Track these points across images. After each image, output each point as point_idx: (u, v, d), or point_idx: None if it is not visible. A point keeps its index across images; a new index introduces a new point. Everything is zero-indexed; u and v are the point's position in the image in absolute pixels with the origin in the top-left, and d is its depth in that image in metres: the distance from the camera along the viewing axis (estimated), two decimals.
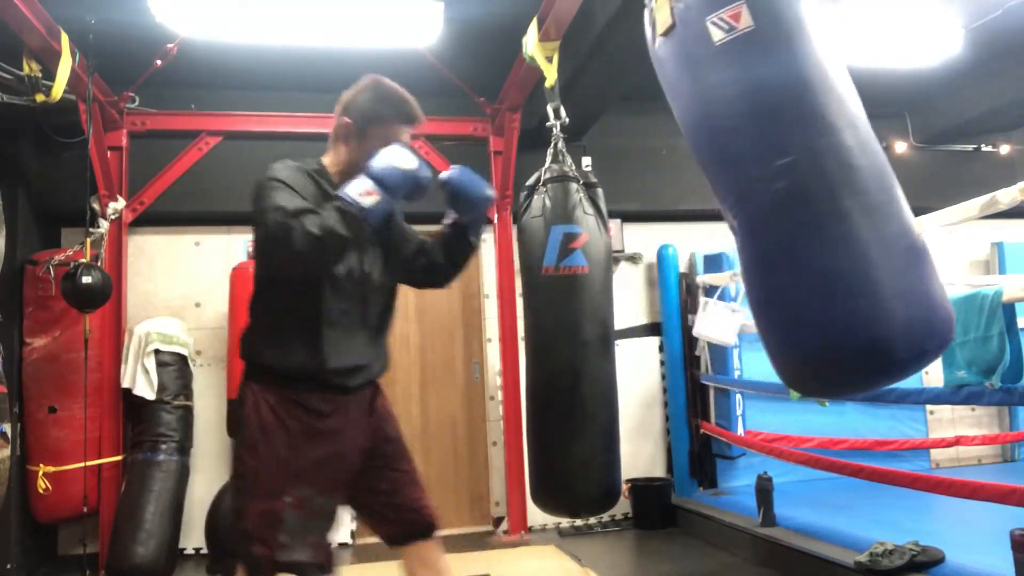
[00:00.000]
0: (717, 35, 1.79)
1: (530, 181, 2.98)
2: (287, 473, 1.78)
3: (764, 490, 3.75)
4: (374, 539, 4.57)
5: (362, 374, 1.92)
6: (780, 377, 1.83)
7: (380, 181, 1.70)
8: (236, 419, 1.92)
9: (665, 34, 1.89)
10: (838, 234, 1.66)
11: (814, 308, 1.66)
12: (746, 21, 1.77)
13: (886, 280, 1.63)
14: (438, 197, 2.03)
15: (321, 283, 1.82)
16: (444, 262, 2.10)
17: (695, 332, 4.55)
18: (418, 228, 2.22)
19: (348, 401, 1.89)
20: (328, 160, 1.95)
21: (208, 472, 4.36)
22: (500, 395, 4.83)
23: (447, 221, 2.09)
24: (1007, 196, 2.61)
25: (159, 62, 3.94)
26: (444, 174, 1.99)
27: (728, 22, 1.78)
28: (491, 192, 2.05)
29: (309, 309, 1.83)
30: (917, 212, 3.15)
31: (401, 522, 1.99)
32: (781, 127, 1.75)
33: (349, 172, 1.85)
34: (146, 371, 4.10)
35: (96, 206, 4.20)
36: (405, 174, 1.73)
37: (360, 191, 1.68)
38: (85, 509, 3.86)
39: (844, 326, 1.63)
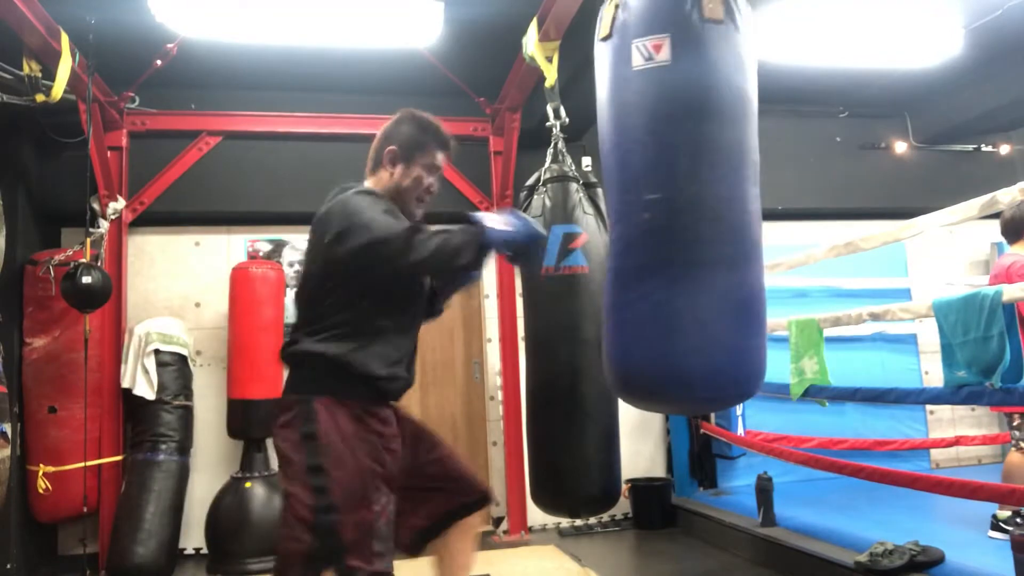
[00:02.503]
0: (637, 60, 1.87)
1: (530, 181, 2.98)
2: (372, 482, 1.83)
3: (764, 490, 3.75)
4: None
5: (408, 385, 2.05)
6: (607, 378, 2.02)
7: (515, 230, 1.82)
8: (290, 431, 1.86)
9: (603, 39, 1.98)
10: (676, 276, 1.80)
11: (641, 334, 1.84)
12: (664, 55, 1.81)
13: (706, 328, 1.79)
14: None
15: (399, 297, 1.96)
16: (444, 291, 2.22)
17: None
18: None
19: (391, 407, 2.01)
20: (372, 184, 2.07)
21: (208, 472, 4.36)
22: (500, 395, 4.83)
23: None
24: (1007, 196, 2.61)
25: (159, 62, 3.94)
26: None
27: (650, 51, 1.83)
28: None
29: (385, 322, 1.92)
30: (917, 212, 3.19)
31: (456, 491, 2.09)
32: (664, 165, 1.84)
33: (393, 195, 2.02)
34: (146, 371, 4.10)
35: (96, 206, 4.20)
36: (533, 242, 1.87)
37: (497, 222, 1.81)
38: (85, 509, 3.86)
39: (656, 358, 1.82)
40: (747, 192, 1.85)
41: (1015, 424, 3.34)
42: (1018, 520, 3.16)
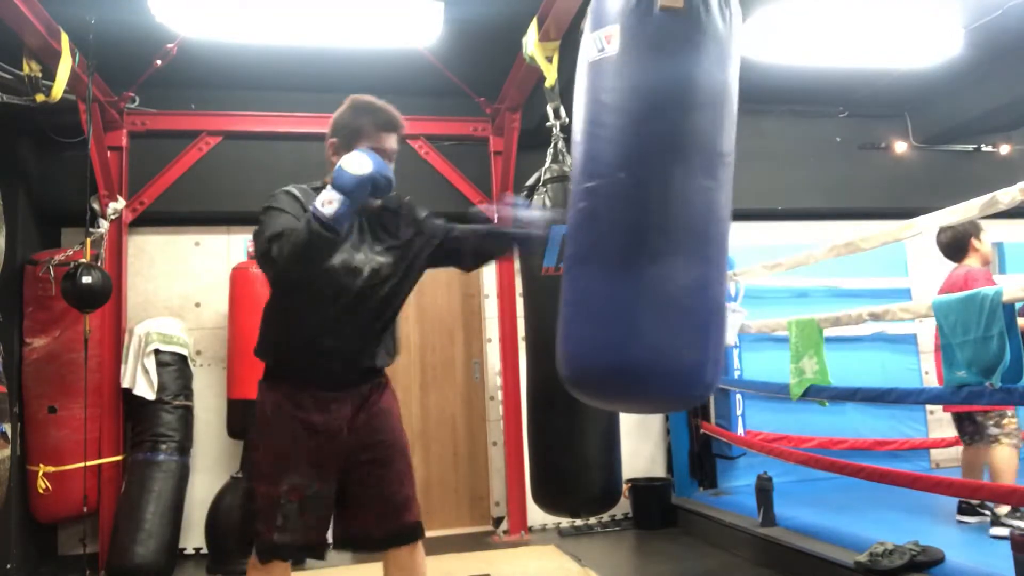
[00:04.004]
0: (592, 53, 1.89)
1: (530, 181, 2.98)
2: (283, 464, 1.97)
3: (764, 490, 3.75)
4: None
5: (352, 372, 2.06)
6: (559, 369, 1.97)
7: (338, 188, 1.81)
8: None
9: (582, 32, 1.99)
10: (595, 266, 1.81)
11: (578, 322, 1.84)
12: (614, 46, 1.81)
13: (636, 322, 1.75)
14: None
15: (308, 288, 1.98)
16: (490, 247, 2.37)
17: None
18: None
19: (339, 398, 2.03)
20: (328, 179, 2.03)
21: (208, 472, 4.36)
22: (500, 395, 4.83)
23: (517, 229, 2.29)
24: (1007, 196, 2.61)
25: (159, 62, 3.94)
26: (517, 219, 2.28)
27: (603, 42, 1.83)
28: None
29: (299, 313, 2.01)
30: (917, 212, 3.19)
31: (385, 520, 2.06)
32: (605, 154, 1.83)
33: None
34: (146, 371, 4.10)
35: (96, 206, 4.20)
36: (358, 178, 1.82)
37: (322, 201, 1.81)
38: (85, 509, 3.86)
39: (590, 348, 1.81)
40: (690, 184, 1.78)
41: (989, 420, 3.37)
42: (1017, 515, 3.16)
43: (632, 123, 1.82)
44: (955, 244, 3.60)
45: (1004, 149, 5.61)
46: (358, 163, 1.85)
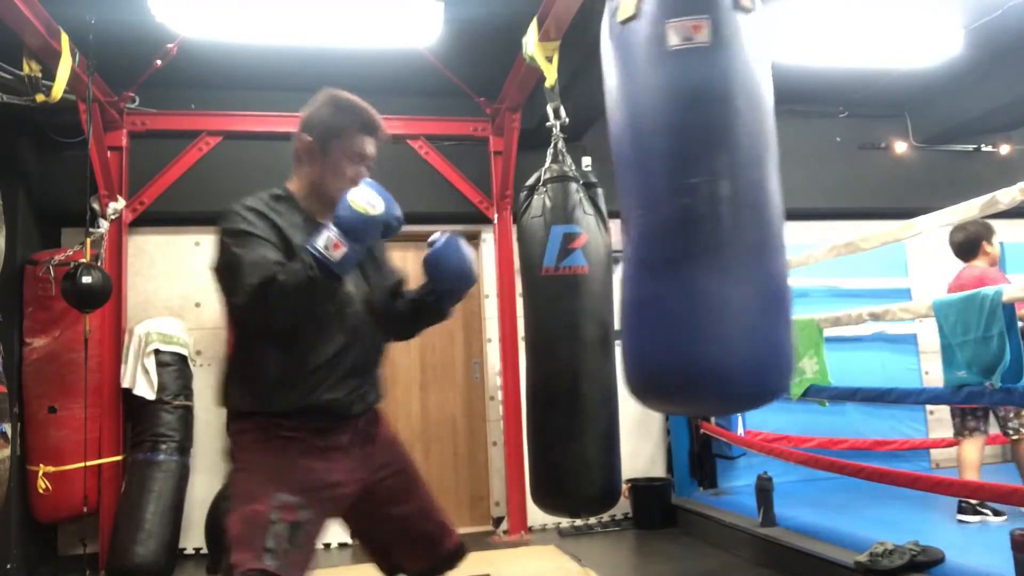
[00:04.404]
0: (673, 40, 1.81)
1: (530, 181, 2.97)
2: (276, 477, 1.69)
3: (764, 490, 3.75)
4: None
5: (354, 406, 1.82)
6: (626, 382, 1.89)
7: (347, 231, 1.61)
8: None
9: (624, 22, 1.90)
10: (716, 265, 1.73)
11: (682, 328, 1.73)
12: (705, 36, 1.80)
13: (744, 319, 1.72)
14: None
15: (302, 328, 1.74)
16: (408, 322, 2.01)
17: None
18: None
19: (341, 431, 1.80)
20: (293, 185, 1.85)
21: (208, 472, 4.36)
22: (500, 395, 4.83)
23: (424, 286, 1.98)
24: (1007, 196, 2.61)
25: (159, 62, 3.94)
26: (429, 251, 1.87)
27: (688, 31, 1.80)
28: (474, 274, 1.93)
29: (292, 354, 1.74)
30: (917, 212, 3.19)
31: (424, 554, 1.92)
32: (704, 147, 1.79)
33: (315, 194, 1.81)
34: (146, 371, 4.10)
35: (96, 206, 4.20)
36: (369, 220, 1.62)
37: (327, 244, 1.59)
38: (85, 509, 3.87)
39: (691, 353, 1.71)
40: (773, 180, 1.83)
41: (1011, 413, 3.41)
42: None
43: (731, 117, 1.79)
44: (967, 244, 3.70)
45: (1004, 149, 5.61)
46: (367, 201, 1.63)
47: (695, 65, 1.80)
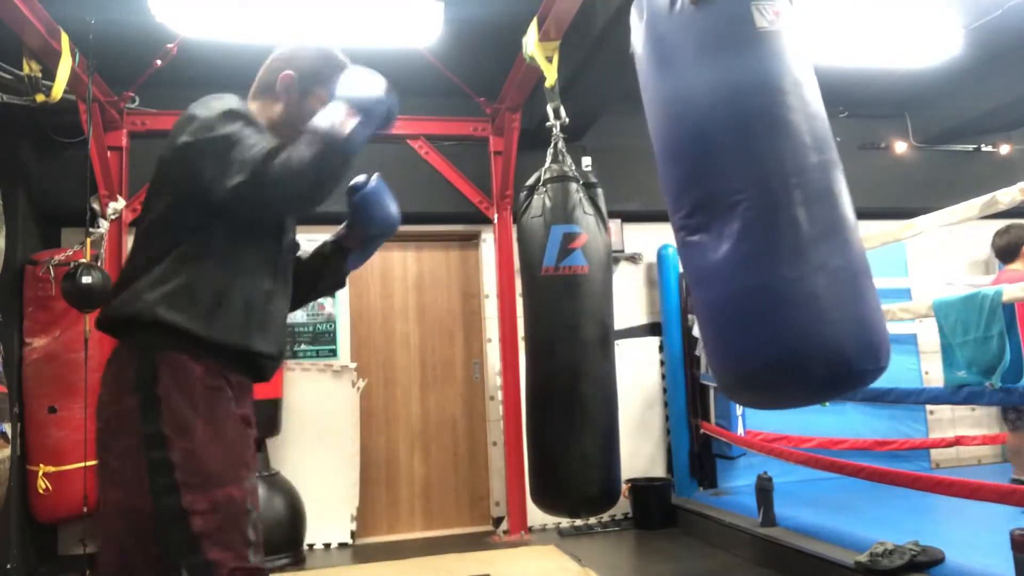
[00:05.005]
0: (760, 22, 1.79)
1: (530, 181, 2.98)
2: (239, 456, 1.45)
3: (764, 490, 3.75)
4: (374, 539, 4.57)
5: (275, 364, 1.63)
6: (719, 382, 1.86)
7: (355, 104, 1.46)
8: (116, 393, 1.43)
9: (698, 3, 1.84)
10: (846, 241, 1.73)
11: (832, 305, 1.67)
12: (784, 21, 1.81)
13: (869, 295, 1.72)
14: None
15: (261, 243, 1.57)
16: (305, 284, 1.81)
17: (695, 332, 4.55)
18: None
19: (249, 396, 1.58)
20: (255, 108, 1.66)
21: None
22: (500, 395, 4.83)
23: (331, 238, 1.84)
24: (1007, 196, 2.62)
25: (159, 62, 3.94)
26: (360, 180, 1.75)
27: (771, 14, 1.80)
28: (399, 220, 1.80)
29: (247, 272, 1.52)
30: (917, 212, 3.19)
31: None
32: (812, 131, 1.78)
33: (279, 128, 1.62)
34: None
35: (96, 206, 4.20)
36: (378, 99, 1.50)
37: (331, 119, 1.43)
38: (85, 509, 3.86)
39: (852, 329, 1.66)
40: (838, 158, 1.88)
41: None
42: None
43: (814, 96, 1.83)
44: (1008, 248, 3.84)
45: (1004, 149, 5.61)
46: (372, 81, 1.51)
47: (780, 51, 1.80)
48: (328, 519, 4.41)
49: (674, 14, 1.88)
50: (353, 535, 4.55)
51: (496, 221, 4.83)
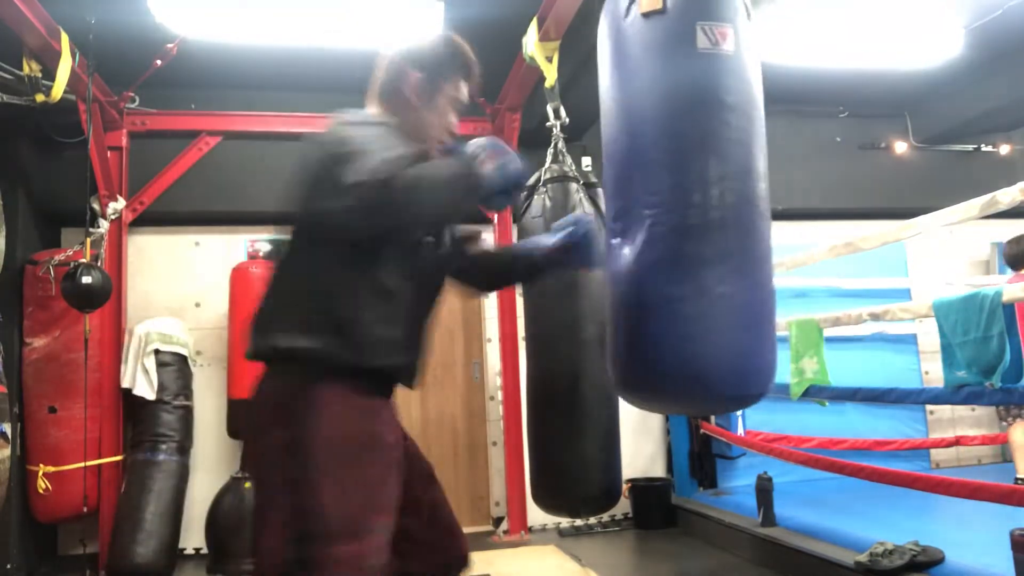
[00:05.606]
0: (703, 43, 1.82)
1: (530, 181, 2.97)
2: (376, 502, 1.42)
3: (764, 490, 3.75)
4: None
5: (419, 373, 1.63)
6: (622, 378, 1.90)
7: (497, 153, 1.49)
8: (267, 430, 1.42)
9: (647, 15, 1.87)
10: (738, 269, 1.76)
11: (708, 328, 1.74)
12: (730, 44, 1.83)
13: (756, 322, 1.78)
14: None
15: (407, 262, 1.54)
16: (497, 278, 1.97)
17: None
18: None
19: (394, 412, 1.58)
20: (382, 113, 1.66)
21: (208, 472, 4.36)
22: (500, 395, 4.83)
23: (544, 252, 1.88)
24: (1007, 196, 2.62)
25: (159, 62, 3.94)
26: (577, 230, 1.86)
27: (716, 36, 1.81)
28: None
29: (394, 293, 1.49)
30: (917, 212, 3.19)
31: (440, 549, 1.66)
32: (730, 153, 1.80)
33: (415, 131, 1.61)
34: (146, 371, 4.09)
35: (96, 206, 4.20)
36: (519, 165, 1.52)
37: (476, 155, 1.46)
38: (85, 509, 3.86)
39: (707, 354, 1.73)
40: (765, 189, 1.89)
41: None
42: None
43: (753, 123, 1.85)
44: (1020, 256, 3.97)
45: (1004, 149, 5.61)
46: (513, 157, 1.53)
47: (722, 71, 1.82)
48: None
49: (628, 21, 1.92)
50: None
51: (496, 221, 4.83)
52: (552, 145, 3.01)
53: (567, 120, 3.11)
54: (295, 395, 1.40)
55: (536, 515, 4.60)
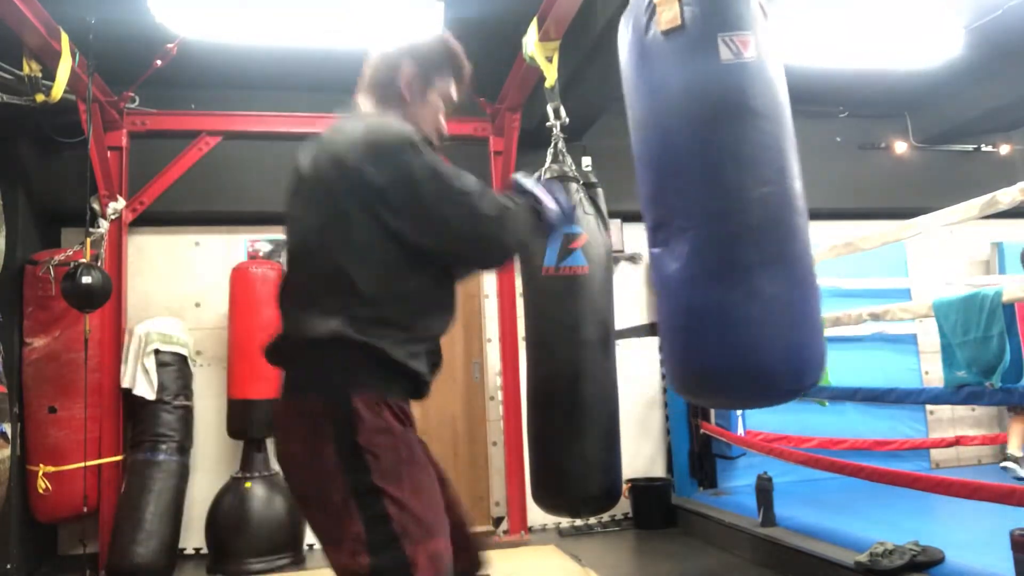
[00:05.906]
0: (725, 54, 1.85)
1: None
2: (439, 501, 1.47)
3: (764, 490, 3.75)
4: None
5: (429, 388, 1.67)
6: (679, 381, 1.98)
7: (559, 203, 1.57)
8: (313, 446, 1.39)
9: (667, 32, 1.90)
10: (782, 272, 1.82)
11: (743, 332, 1.80)
12: (752, 52, 1.85)
13: (806, 321, 1.84)
14: None
15: (452, 275, 1.59)
16: None
17: None
18: None
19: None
20: (373, 108, 1.64)
21: (208, 472, 4.36)
22: (500, 395, 4.83)
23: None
24: (1007, 196, 2.62)
25: (159, 62, 3.94)
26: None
27: (737, 46, 1.83)
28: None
29: (442, 303, 1.56)
30: (917, 212, 3.19)
31: (460, 550, 1.59)
32: (766, 159, 1.86)
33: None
34: (146, 371, 4.10)
35: (96, 206, 4.20)
36: (572, 206, 1.62)
37: (545, 194, 1.54)
38: (85, 509, 3.86)
39: (761, 354, 1.79)
40: (800, 187, 1.96)
41: None
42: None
43: (784, 128, 1.91)
44: None
45: (1004, 149, 5.62)
46: (562, 192, 1.64)
47: (748, 79, 1.85)
48: None
49: (649, 36, 1.95)
50: None
51: None
52: (552, 145, 3.01)
53: (567, 120, 3.11)
54: (336, 406, 1.39)
55: (536, 515, 4.60)
